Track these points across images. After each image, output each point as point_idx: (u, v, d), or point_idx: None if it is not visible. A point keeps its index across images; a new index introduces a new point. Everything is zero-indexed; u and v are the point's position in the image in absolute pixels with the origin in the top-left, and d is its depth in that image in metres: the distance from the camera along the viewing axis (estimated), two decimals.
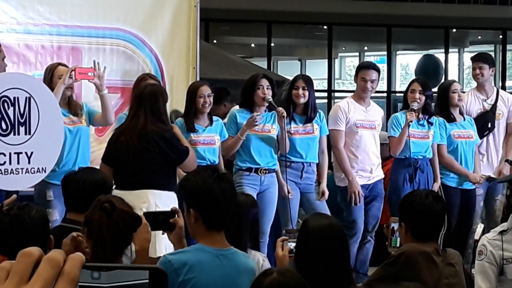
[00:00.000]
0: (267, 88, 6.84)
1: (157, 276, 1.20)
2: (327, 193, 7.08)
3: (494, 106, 7.83)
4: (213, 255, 3.36)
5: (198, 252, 3.36)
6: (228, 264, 3.38)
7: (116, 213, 3.28)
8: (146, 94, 5.78)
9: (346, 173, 7.23)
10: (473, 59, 8.04)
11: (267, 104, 6.88)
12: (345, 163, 7.21)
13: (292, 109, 7.04)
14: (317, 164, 7.25)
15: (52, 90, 6.05)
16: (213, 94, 6.82)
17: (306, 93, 6.98)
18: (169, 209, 3.77)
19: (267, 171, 6.86)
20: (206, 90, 6.75)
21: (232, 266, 3.38)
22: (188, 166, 5.79)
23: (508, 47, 19.07)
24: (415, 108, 7.27)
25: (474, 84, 8.26)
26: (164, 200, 5.56)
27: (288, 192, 6.86)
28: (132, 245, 3.50)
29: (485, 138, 7.81)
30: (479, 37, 20.35)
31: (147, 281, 1.20)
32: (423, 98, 7.36)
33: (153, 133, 5.68)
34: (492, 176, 7.78)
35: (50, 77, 6.41)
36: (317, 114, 7.09)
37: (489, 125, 7.78)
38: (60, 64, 6.64)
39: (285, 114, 6.78)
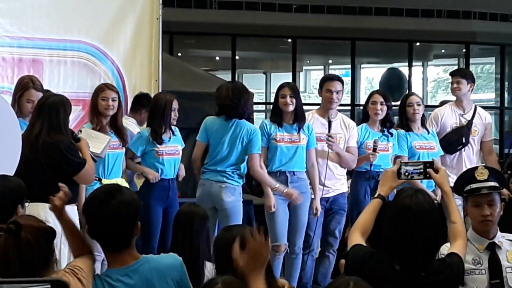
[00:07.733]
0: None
1: (58, 287, 1.22)
2: (319, 210, 7.01)
3: (470, 122, 7.81)
4: (120, 276, 3.29)
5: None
6: (138, 278, 3.30)
7: (24, 231, 3.14)
8: (47, 104, 5.66)
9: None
10: (452, 73, 8.03)
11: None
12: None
13: (280, 118, 6.93)
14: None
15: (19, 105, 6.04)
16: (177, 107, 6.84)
17: (294, 100, 6.87)
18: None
19: None
20: (176, 104, 6.77)
21: (142, 278, 3.30)
22: (83, 179, 5.68)
23: (472, 60, 19.21)
24: (376, 147, 7.26)
25: (438, 98, 8.33)
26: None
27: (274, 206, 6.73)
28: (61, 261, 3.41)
29: (458, 153, 7.79)
30: (443, 50, 20.52)
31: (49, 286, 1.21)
32: (385, 108, 7.39)
33: (45, 144, 5.56)
34: None
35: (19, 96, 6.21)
36: (306, 126, 6.97)
37: (463, 140, 7.75)
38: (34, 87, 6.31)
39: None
